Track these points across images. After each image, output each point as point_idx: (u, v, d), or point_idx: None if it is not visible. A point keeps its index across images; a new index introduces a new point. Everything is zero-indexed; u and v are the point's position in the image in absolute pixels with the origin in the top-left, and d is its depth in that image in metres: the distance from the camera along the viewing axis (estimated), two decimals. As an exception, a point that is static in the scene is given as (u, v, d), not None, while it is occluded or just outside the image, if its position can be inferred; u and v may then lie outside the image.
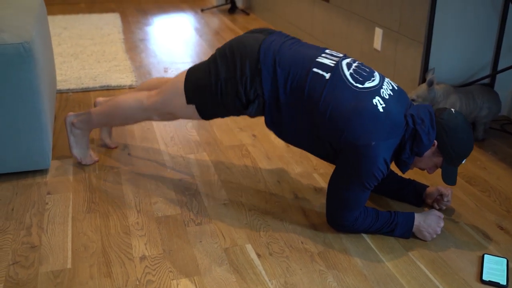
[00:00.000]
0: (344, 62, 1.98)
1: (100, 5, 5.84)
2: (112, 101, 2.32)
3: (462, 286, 1.78)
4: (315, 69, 1.94)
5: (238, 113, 2.09)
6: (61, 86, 3.40)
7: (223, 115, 2.12)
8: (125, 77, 3.58)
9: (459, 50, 2.94)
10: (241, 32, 4.83)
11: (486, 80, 2.98)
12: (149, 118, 2.25)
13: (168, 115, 2.19)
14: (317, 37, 4.16)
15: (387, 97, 1.92)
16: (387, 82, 1.99)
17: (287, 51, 1.99)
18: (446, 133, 1.89)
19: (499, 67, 3.00)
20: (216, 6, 5.73)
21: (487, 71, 3.01)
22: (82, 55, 4.02)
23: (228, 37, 4.70)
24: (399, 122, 1.88)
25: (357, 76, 1.94)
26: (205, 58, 4.09)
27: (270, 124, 2.06)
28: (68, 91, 3.36)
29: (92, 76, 3.59)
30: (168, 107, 2.15)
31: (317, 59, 1.97)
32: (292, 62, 1.96)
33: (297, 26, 4.48)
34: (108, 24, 4.91)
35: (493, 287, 1.78)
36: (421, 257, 1.91)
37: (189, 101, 2.08)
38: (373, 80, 1.95)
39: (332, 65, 1.96)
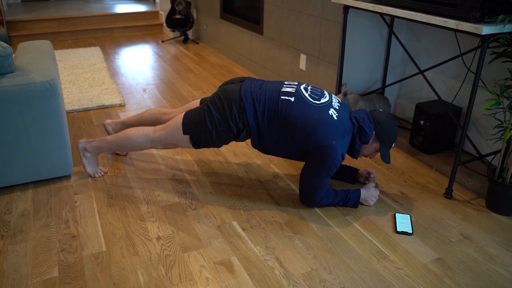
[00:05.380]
0: (302, 87, 2.03)
1: (83, 40, 5.56)
2: (123, 134, 2.20)
3: (385, 237, 1.89)
4: (282, 97, 1.97)
5: (229, 142, 2.07)
6: (67, 107, 3.24)
7: (212, 145, 2.07)
8: (115, 98, 3.46)
9: (361, 70, 3.07)
10: (194, 57, 4.77)
11: (380, 90, 3.16)
12: (153, 147, 2.17)
13: (170, 145, 2.13)
14: (255, 61, 4.16)
15: (337, 108, 1.99)
16: (334, 97, 2.07)
17: (259, 90, 2.01)
18: (380, 125, 2.00)
19: (387, 82, 3.18)
20: (173, 38, 5.63)
21: (380, 84, 3.18)
22: (78, 82, 3.82)
23: (186, 61, 4.63)
24: (348, 125, 1.97)
25: (314, 96, 1.99)
26: (171, 78, 4.01)
27: (255, 145, 2.06)
28: (72, 111, 3.21)
29: (89, 98, 3.44)
30: (170, 139, 2.10)
31: (282, 90, 2.00)
32: (265, 97, 1.98)
33: (239, 52, 4.48)
34: (93, 55, 4.68)
35: (404, 235, 1.90)
36: (355, 219, 2.00)
37: (184, 132, 2.05)
38: (325, 97, 2.02)
39: (294, 91, 2.00)
